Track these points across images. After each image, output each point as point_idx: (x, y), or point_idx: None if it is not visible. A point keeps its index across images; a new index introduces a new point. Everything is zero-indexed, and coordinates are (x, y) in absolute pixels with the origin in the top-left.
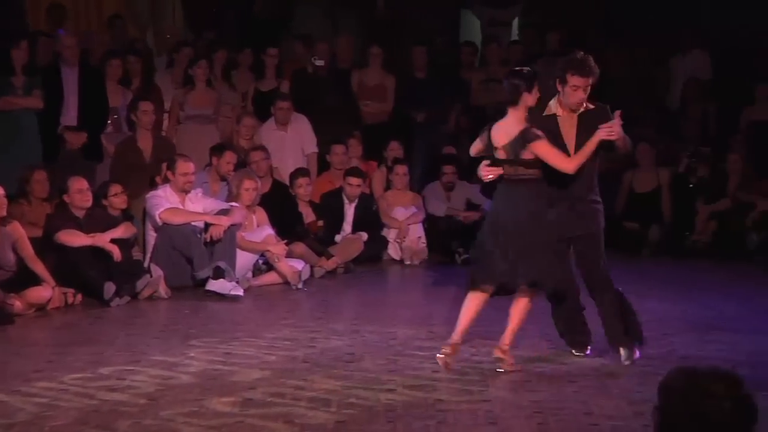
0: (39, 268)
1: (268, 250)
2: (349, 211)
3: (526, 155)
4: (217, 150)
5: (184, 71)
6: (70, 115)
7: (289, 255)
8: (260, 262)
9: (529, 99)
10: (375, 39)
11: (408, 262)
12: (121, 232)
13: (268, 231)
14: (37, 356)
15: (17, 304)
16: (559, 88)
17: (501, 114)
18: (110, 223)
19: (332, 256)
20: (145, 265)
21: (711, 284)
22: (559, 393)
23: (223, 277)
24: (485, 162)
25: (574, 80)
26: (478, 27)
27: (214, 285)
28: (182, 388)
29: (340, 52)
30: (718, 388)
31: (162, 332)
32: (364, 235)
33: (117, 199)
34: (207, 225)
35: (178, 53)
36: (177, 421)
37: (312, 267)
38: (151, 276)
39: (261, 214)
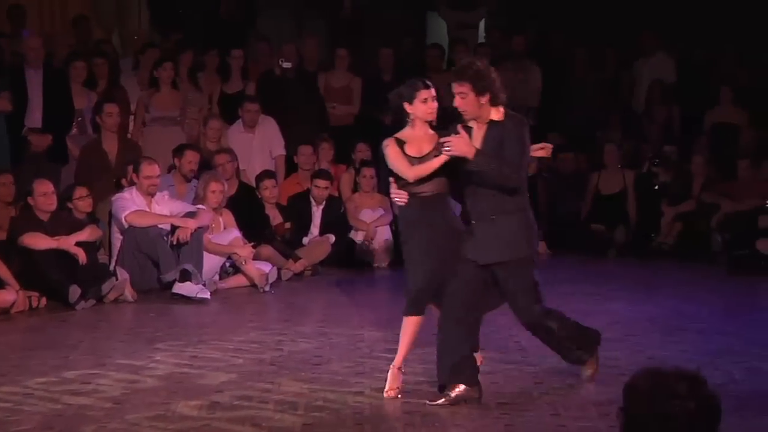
0: (2, 271)
1: (235, 253)
2: (317, 213)
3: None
4: (178, 151)
5: (150, 73)
6: (34, 117)
7: (256, 257)
8: (227, 264)
9: (413, 110)
10: (341, 41)
11: (375, 264)
12: (86, 235)
13: (235, 233)
14: (1, 360)
15: None
16: None
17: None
18: (75, 226)
19: (299, 258)
20: (111, 268)
21: (676, 285)
22: (526, 394)
23: (190, 280)
24: (393, 180)
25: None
26: (444, 29)
27: (180, 288)
28: (148, 392)
29: (306, 54)
30: (682, 388)
31: (127, 335)
32: (332, 238)
33: (82, 203)
34: (174, 228)
35: (143, 55)
36: (142, 425)
37: (279, 269)
38: (117, 279)
39: (228, 217)
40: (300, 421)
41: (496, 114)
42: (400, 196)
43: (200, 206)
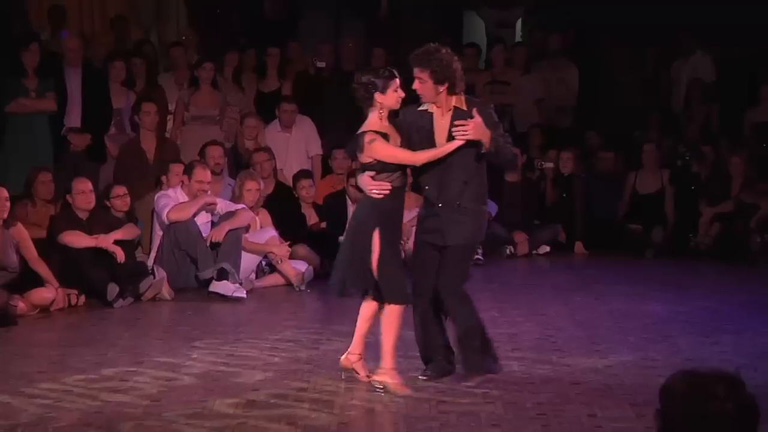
0: (42, 269)
1: (272, 252)
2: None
3: (364, 159)
4: (200, 152)
5: (189, 72)
6: (73, 117)
7: (293, 256)
8: (263, 263)
9: (385, 99)
10: (378, 41)
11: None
12: (123, 233)
13: (272, 233)
14: (41, 357)
15: (21, 305)
16: None
17: (504, 115)
18: (114, 225)
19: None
20: (149, 265)
21: (714, 286)
22: (562, 395)
23: (227, 279)
24: (369, 174)
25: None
26: (481, 28)
27: (217, 286)
28: (185, 390)
29: (344, 53)
30: (719, 389)
31: (165, 333)
32: None
33: (119, 201)
34: (213, 226)
35: (169, 53)
36: (179, 422)
37: (315, 269)
38: (155, 277)
39: (264, 216)
40: (336, 420)
41: (458, 102)
42: (381, 188)
43: (241, 205)
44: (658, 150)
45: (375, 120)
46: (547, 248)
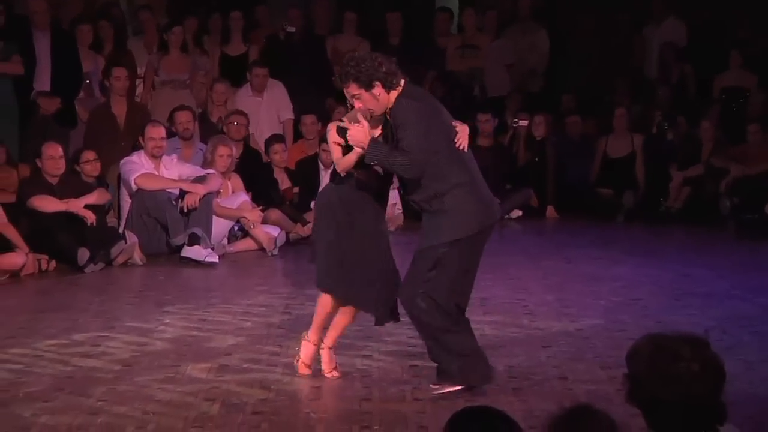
0: (12, 234)
1: (244, 217)
2: (325, 177)
3: None
4: (169, 118)
5: (157, 36)
6: (42, 80)
7: (265, 221)
8: (236, 228)
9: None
10: (349, 5)
11: None
12: (95, 198)
13: (244, 197)
14: (11, 323)
15: None
16: None
17: (473, 80)
18: (84, 190)
19: (308, 222)
20: (120, 231)
21: (684, 249)
22: (534, 358)
23: (199, 244)
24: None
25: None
26: None
27: (189, 251)
28: (157, 354)
29: (316, 18)
30: (685, 350)
31: (136, 299)
32: None
33: (89, 166)
34: (182, 192)
35: (138, 18)
36: (152, 387)
37: (287, 233)
38: (126, 242)
39: (236, 181)
40: (308, 383)
41: (394, 98)
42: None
43: (210, 170)
44: (629, 114)
45: (351, 112)
46: (519, 212)
